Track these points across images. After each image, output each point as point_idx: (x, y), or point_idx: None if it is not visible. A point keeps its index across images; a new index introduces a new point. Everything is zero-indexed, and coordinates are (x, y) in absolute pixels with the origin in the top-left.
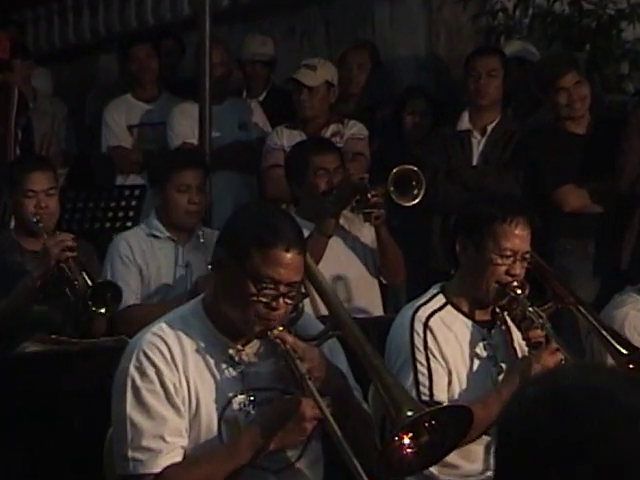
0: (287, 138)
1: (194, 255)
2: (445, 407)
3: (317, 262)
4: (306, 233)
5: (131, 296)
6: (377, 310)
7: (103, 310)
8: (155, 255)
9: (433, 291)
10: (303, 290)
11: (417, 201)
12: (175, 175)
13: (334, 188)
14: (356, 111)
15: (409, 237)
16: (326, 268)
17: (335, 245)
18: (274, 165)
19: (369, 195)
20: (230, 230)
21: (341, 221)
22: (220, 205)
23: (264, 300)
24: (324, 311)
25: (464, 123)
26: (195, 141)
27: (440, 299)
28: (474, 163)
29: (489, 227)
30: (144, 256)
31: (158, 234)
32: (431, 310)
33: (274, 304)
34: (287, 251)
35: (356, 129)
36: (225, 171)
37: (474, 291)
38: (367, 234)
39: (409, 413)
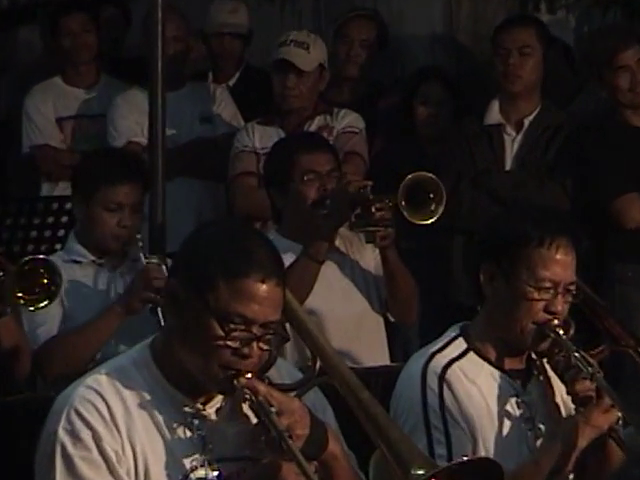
0: (260, 137)
1: (128, 281)
2: (466, 461)
3: (305, 296)
4: (290, 258)
5: (52, 332)
6: (381, 357)
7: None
8: (78, 285)
9: (452, 333)
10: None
11: (434, 219)
12: (104, 189)
13: (327, 198)
14: (352, 99)
15: (424, 263)
16: (317, 303)
17: (328, 273)
18: (244, 173)
19: (373, 209)
20: (189, 255)
21: (337, 242)
22: (176, 222)
23: (232, 345)
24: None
25: (494, 115)
26: (144, 140)
27: (461, 344)
28: (507, 167)
29: (522, 251)
30: (64, 287)
31: (79, 259)
32: (449, 358)
33: (245, 350)
34: (262, 282)
35: (349, 120)
36: (183, 178)
37: (504, 333)
38: (370, 258)
39: (420, 472)
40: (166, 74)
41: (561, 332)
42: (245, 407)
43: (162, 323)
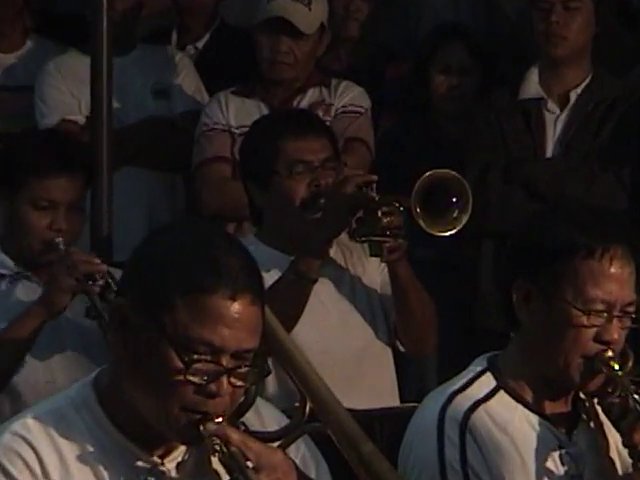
0: (236, 112)
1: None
2: None
3: (293, 323)
4: (273, 272)
5: None
6: (389, 398)
7: None
8: (3, 303)
9: (477, 368)
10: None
11: (457, 229)
12: (32, 183)
13: (321, 197)
14: (351, 67)
15: (443, 277)
16: (306, 332)
17: (322, 293)
18: (214, 158)
19: (379, 213)
20: (140, 268)
21: (332, 252)
22: (123, 224)
23: (196, 381)
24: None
25: (531, 87)
26: (82, 118)
27: (488, 381)
28: (549, 153)
29: (567, 264)
30: None
31: (3, 271)
32: (474, 400)
33: (213, 388)
34: (233, 299)
35: (352, 96)
36: (131, 169)
37: (544, 368)
38: (375, 274)
39: None
40: (112, 34)
41: (616, 367)
42: (214, 461)
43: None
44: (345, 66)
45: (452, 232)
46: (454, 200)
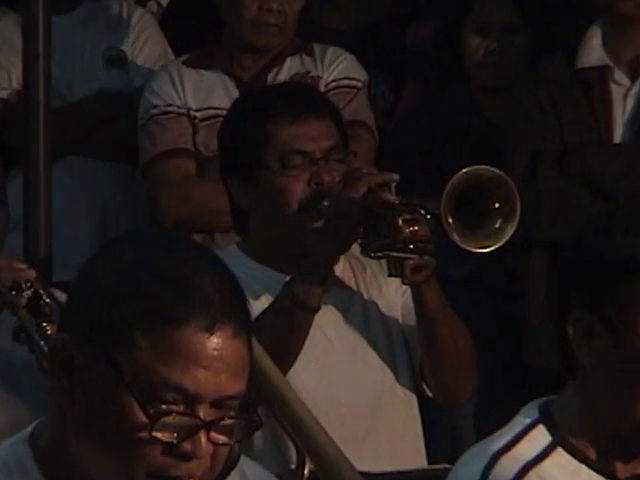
0: (194, 89)
1: None
2: None
3: (289, 363)
4: (262, 296)
5: None
6: (413, 457)
7: None
8: None
9: (526, 419)
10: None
11: (500, 244)
12: None
13: (324, 198)
14: (361, 27)
15: (481, 300)
16: (308, 373)
17: (326, 323)
18: (173, 151)
19: (400, 221)
20: (87, 294)
21: (340, 268)
22: (68, 233)
23: (164, 438)
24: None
25: (593, 53)
26: (10, 92)
27: (541, 436)
28: (617, 138)
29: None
30: None
31: None
32: (524, 462)
33: (187, 447)
34: (209, 331)
35: (344, 66)
36: (77, 158)
37: (612, 421)
38: (395, 297)
39: None
40: None
41: None
42: None
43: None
44: (353, 26)
45: (493, 248)
46: (496, 206)
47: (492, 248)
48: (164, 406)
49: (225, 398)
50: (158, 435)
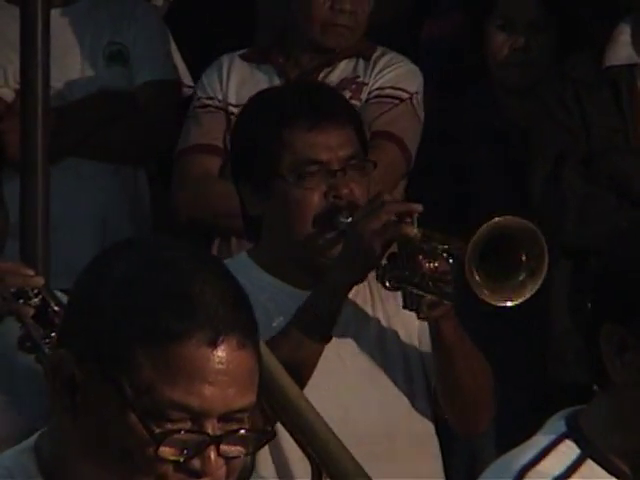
0: (239, 84)
1: None
2: None
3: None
4: (271, 312)
5: None
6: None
7: None
8: None
9: (552, 432)
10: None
11: (521, 300)
12: None
13: (342, 211)
14: (375, 23)
15: (501, 313)
16: (319, 395)
17: (340, 344)
18: (199, 146)
19: (420, 257)
20: (85, 307)
21: (355, 288)
22: (67, 238)
23: (171, 458)
24: None
25: (622, 50)
26: (8, 92)
27: (569, 450)
28: None
29: None
30: None
31: None
32: (552, 477)
33: (196, 464)
34: (213, 345)
35: (394, 75)
36: (77, 160)
37: None
38: (413, 319)
39: None
40: None
41: None
42: None
43: None
44: (368, 22)
45: (513, 304)
46: (523, 258)
47: (512, 304)
48: (169, 424)
49: (234, 412)
50: (164, 454)
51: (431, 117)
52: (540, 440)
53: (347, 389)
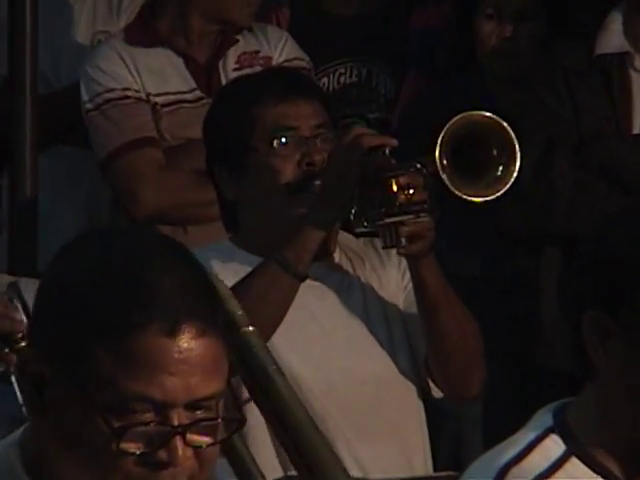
0: (147, 72)
1: None
2: None
3: (270, 329)
4: None
5: None
6: (417, 463)
7: None
8: None
9: (538, 427)
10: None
11: (501, 192)
12: None
13: (316, 178)
14: (364, 12)
15: (491, 300)
16: (299, 365)
17: (323, 313)
18: (141, 140)
19: (394, 185)
20: (47, 302)
21: (337, 254)
22: (54, 224)
23: (135, 450)
24: None
25: (613, 38)
26: None
27: (554, 445)
28: (636, 128)
29: None
30: None
31: None
32: (535, 474)
33: (162, 456)
34: (172, 334)
35: (290, 46)
36: (65, 147)
37: (628, 429)
38: (396, 289)
39: None
40: None
41: None
42: None
43: None
44: (355, 11)
45: (494, 196)
46: (494, 152)
47: (494, 196)
48: (134, 418)
49: (200, 400)
50: (128, 448)
51: (418, 107)
52: (525, 435)
53: (327, 358)
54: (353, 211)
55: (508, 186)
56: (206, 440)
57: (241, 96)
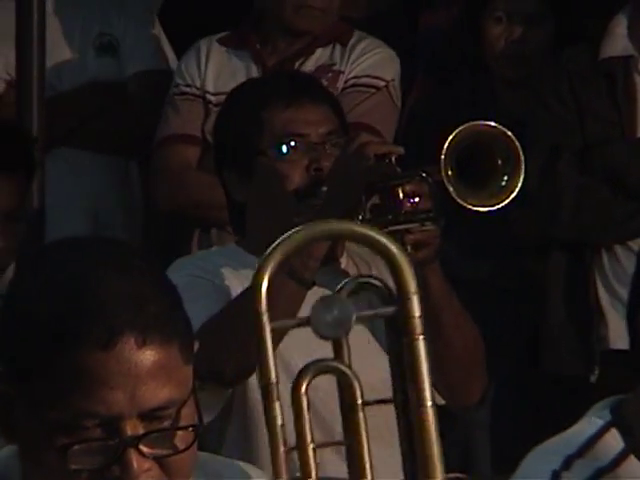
0: (217, 71)
1: None
2: None
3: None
4: None
5: None
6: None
7: None
8: None
9: (598, 420)
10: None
11: (505, 202)
12: None
13: (324, 184)
14: (373, 14)
15: (496, 304)
16: (292, 359)
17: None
18: (179, 136)
19: (400, 193)
20: (4, 321)
21: (343, 260)
22: (59, 227)
23: (84, 467)
24: None
25: (618, 42)
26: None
27: (614, 440)
28: None
29: None
30: None
31: None
32: (597, 467)
33: (115, 470)
34: (107, 347)
35: (371, 62)
36: (69, 150)
37: None
38: None
39: None
40: None
41: None
42: None
43: None
44: (364, 13)
45: (498, 206)
46: (499, 162)
47: (499, 206)
48: (84, 434)
49: (155, 409)
50: (79, 464)
51: (425, 110)
52: (585, 429)
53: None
54: (360, 217)
55: (513, 196)
56: (165, 451)
57: (250, 99)
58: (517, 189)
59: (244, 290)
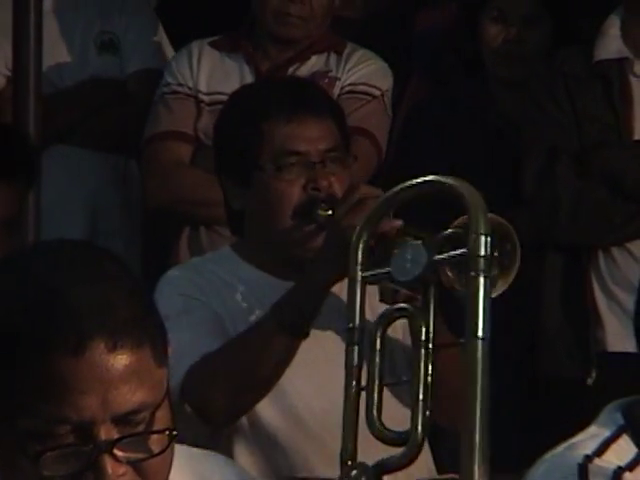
0: (210, 72)
1: None
2: None
3: (268, 386)
4: (256, 304)
5: None
6: (418, 464)
7: None
8: None
9: (610, 425)
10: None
11: (498, 293)
12: None
13: (320, 204)
14: (369, 14)
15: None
16: (308, 388)
17: (327, 338)
18: (170, 133)
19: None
20: None
21: (337, 290)
22: (57, 225)
23: (56, 474)
24: None
25: (611, 44)
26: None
27: (628, 445)
28: (637, 135)
29: None
30: None
31: None
32: (613, 470)
33: (89, 476)
34: (77, 353)
35: (366, 72)
36: (67, 147)
37: None
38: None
39: None
40: None
41: None
42: None
43: None
44: (360, 13)
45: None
46: (494, 254)
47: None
48: (56, 440)
49: (128, 413)
50: (52, 471)
51: (422, 111)
52: (599, 431)
53: (334, 385)
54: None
55: (504, 289)
56: (140, 455)
57: (252, 107)
58: (501, 290)
59: (240, 334)
